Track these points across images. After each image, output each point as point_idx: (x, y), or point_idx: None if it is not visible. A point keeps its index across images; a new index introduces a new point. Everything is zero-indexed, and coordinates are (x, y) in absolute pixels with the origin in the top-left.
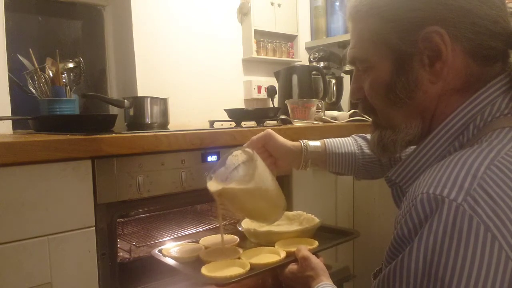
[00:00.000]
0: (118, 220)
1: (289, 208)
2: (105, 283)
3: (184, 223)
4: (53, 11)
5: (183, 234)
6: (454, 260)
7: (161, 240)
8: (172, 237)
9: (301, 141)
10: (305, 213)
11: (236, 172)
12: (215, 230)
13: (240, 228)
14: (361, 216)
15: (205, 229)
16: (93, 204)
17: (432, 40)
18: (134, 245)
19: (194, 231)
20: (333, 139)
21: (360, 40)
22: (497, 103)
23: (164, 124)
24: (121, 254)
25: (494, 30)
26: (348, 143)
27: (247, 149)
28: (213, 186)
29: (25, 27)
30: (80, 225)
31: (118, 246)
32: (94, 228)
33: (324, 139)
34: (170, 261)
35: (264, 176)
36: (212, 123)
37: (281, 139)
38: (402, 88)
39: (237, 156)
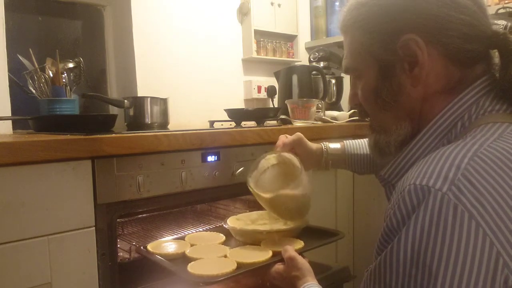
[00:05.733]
0: (118, 220)
1: None
2: (105, 283)
3: (184, 223)
4: (53, 11)
5: (183, 234)
6: (441, 247)
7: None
8: (172, 237)
9: (322, 143)
10: None
11: (264, 176)
12: (215, 230)
13: (225, 226)
14: (361, 216)
15: (205, 229)
16: (93, 204)
17: (409, 47)
18: (134, 245)
19: (194, 231)
20: (353, 140)
21: (349, 51)
22: (481, 102)
23: (164, 124)
24: (121, 254)
25: (470, 34)
26: (366, 145)
27: (295, 158)
28: (264, 193)
29: (25, 27)
30: (80, 225)
31: (118, 246)
32: (94, 228)
33: (344, 141)
34: (156, 258)
35: (308, 183)
36: (212, 123)
37: (308, 143)
38: (387, 93)
39: (268, 160)
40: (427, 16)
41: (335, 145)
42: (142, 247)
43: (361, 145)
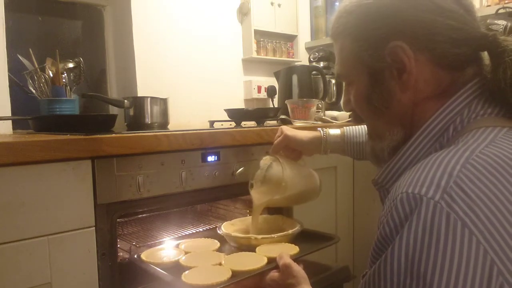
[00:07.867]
0: (118, 220)
1: (290, 210)
2: (105, 283)
3: (184, 223)
4: (53, 11)
5: (183, 234)
6: (434, 257)
7: (161, 240)
8: (172, 237)
9: (321, 130)
10: (285, 217)
11: (271, 169)
12: (210, 235)
13: (219, 232)
14: (361, 217)
15: (205, 229)
16: (93, 204)
17: (396, 54)
18: (134, 245)
19: (194, 231)
20: (353, 127)
21: (340, 58)
22: (472, 105)
23: (164, 124)
24: (121, 254)
25: (457, 38)
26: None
27: (274, 157)
28: (258, 199)
29: (25, 27)
30: (80, 225)
31: (118, 246)
32: (94, 228)
33: (344, 127)
34: (151, 268)
35: (295, 180)
36: (212, 123)
37: (299, 136)
38: (378, 99)
39: (266, 159)
40: (413, 23)
41: (335, 132)
42: (135, 256)
43: (360, 132)
